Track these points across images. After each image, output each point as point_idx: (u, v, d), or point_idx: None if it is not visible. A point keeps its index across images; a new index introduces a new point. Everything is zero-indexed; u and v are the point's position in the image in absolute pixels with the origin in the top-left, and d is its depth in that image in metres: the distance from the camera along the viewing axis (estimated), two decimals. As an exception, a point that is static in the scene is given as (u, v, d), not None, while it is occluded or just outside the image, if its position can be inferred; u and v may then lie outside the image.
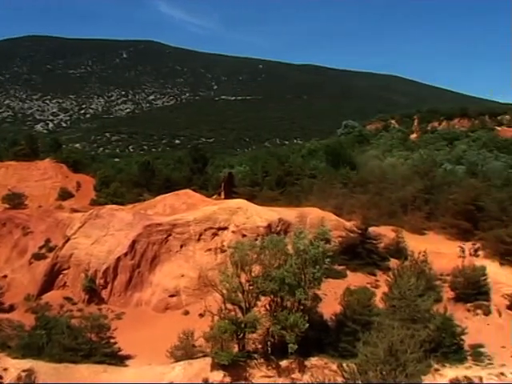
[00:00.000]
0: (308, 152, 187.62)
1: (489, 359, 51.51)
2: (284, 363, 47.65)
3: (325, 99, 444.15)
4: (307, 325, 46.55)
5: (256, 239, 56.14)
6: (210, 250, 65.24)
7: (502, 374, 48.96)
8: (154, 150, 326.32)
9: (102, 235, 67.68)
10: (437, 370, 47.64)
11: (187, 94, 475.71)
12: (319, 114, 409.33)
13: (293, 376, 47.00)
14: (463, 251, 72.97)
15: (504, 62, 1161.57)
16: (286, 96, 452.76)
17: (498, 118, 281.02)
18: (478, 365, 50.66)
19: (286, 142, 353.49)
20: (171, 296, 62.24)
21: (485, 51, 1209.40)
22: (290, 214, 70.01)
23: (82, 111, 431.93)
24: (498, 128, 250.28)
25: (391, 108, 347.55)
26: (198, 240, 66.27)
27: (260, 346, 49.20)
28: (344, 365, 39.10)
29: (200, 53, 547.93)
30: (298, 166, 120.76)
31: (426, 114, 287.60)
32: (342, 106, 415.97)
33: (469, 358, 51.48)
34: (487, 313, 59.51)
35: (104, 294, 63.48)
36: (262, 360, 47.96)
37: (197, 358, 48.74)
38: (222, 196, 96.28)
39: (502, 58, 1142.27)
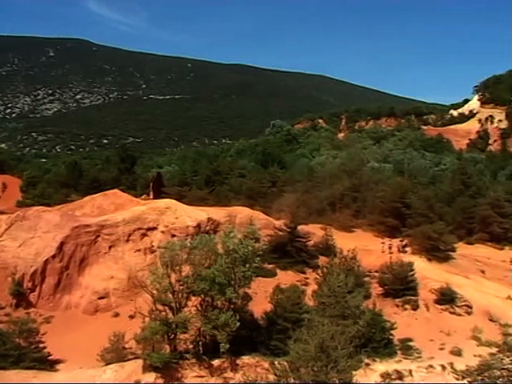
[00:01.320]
0: (237, 151, 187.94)
1: (418, 352, 52.53)
2: (216, 363, 47.61)
3: (253, 99, 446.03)
4: (238, 324, 46.57)
5: (185, 239, 55.83)
6: (139, 250, 64.71)
7: (431, 366, 49.98)
8: (81, 149, 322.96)
9: (29, 237, 66.35)
10: (367, 364, 48.33)
11: (115, 93, 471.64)
12: (248, 113, 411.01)
13: (225, 375, 46.97)
14: (390, 247, 74.25)
15: (429, 63, 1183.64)
16: (214, 95, 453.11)
17: (424, 117, 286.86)
18: (407, 358, 51.60)
19: (215, 142, 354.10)
20: (101, 298, 61.47)
21: (411, 52, 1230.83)
22: (219, 213, 70.02)
23: (8, 110, 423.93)
24: (424, 127, 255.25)
25: (320, 107, 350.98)
26: (127, 241, 65.67)
27: (192, 346, 49.03)
28: (276, 363, 39.29)
29: (128, 51, 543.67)
30: (226, 166, 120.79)
31: (354, 114, 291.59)
32: (271, 106, 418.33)
33: (398, 352, 52.38)
34: (415, 307, 60.60)
35: (32, 297, 62.20)
36: (194, 360, 47.77)
37: (128, 360, 48.26)
38: (151, 196, 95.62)
39: (428, 59, 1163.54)
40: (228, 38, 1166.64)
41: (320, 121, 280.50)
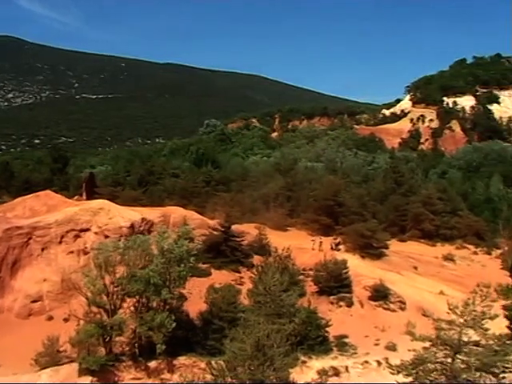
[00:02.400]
0: (170, 151, 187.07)
1: (353, 349, 53.02)
2: (153, 364, 47.18)
3: (187, 98, 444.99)
4: (174, 324, 46.25)
5: (119, 240, 55.18)
6: (72, 252, 63.61)
7: (367, 362, 50.50)
8: (12, 150, 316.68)
9: (-42, 241, 64.76)
10: (304, 362, 48.54)
11: (47, 92, 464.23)
12: (182, 112, 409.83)
13: (162, 376, 46.60)
14: (320, 244, 74.79)
15: (362, 64, 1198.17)
16: (148, 95, 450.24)
17: (357, 117, 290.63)
18: (343, 355, 52.01)
19: (148, 141, 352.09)
20: (34, 301, 60.18)
21: (344, 52, 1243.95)
22: (152, 213, 69.40)
23: None
24: (357, 126, 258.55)
25: (254, 107, 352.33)
26: (60, 242, 64.49)
27: (127, 349, 48.46)
28: (213, 362, 39.14)
29: (61, 50, 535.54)
30: (160, 166, 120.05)
31: (288, 113, 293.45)
32: (205, 105, 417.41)
33: (334, 348, 52.76)
34: (350, 304, 61.13)
35: (-37, 302, 60.80)
36: (130, 362, 47.24)
37: (63, 364, 47.43)
38: (84, 197, 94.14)
39: (361, 60, 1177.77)
40: (162, 37, 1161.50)
41: (254, 120, 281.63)
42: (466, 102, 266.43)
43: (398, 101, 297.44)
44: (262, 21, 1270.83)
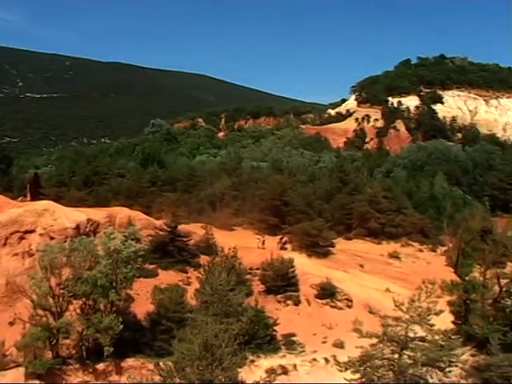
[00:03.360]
0: (116, 151, 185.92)
1: (301, 347, 53.19)
2: (100, 366, 46.62)
3: (133, 98, 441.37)
4: (122, 326, 45.85)
5: (65, 241, 54.46)
6: (17, 254, 62.51)
7: (315, 359, 50.72)
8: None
9: None
10: (252, 361, 48.49)
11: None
12: (127, 112, 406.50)
13: (110, 379, 46.08)
14: (263, 243, 75.03)
15: (308, 63, 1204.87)
16: (93, 94, 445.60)
17: (303, 116, 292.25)
18: (291, 353, 52.13)
19: (94, 141, 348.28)
20: (-23, 305, 59.28)
21: (290, 52, 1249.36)
22: (98, 214, 68.59)
23: None
24: (303, 126, 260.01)
25: (200, 106, 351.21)
26: (4, 245, 63.33)
27: (75, 351, 47.77)
28: (161, 363, 38.85)
29: (4, 48, 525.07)
30: (105, 166, 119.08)
31: (234, 113, 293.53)
32: (151, 105, 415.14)
33: (282, 347, 52.85)
34: (297, 303, 61.27)
35: None
36: (77, 365, 46.56)
37: (10, 368, 46.57)
38: (28, 198, 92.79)
39: (307, 60, 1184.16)
40: (107, 36, 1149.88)
41: (200, 120, 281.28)
42: (411, 101, 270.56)
43: (344, 101, 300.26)
44: (208, 20, 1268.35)
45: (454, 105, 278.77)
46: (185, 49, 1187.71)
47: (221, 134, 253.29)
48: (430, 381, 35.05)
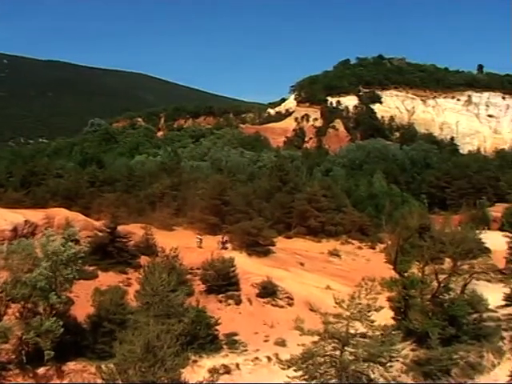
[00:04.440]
0: (54, 151, 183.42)
1: (243, 346, 53.28)
2: (41, 371, 45.77)
3: (72, 97, 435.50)
4: (62, 329, 45.14)
5: (2, 244, 53.40)
6: (-49, 258, 61.32)
7: (257, 358, 50.84)
8: None
9: None
10: (195, 361, 48.30)
11: None
12: (66, 112, 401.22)
13: (51, 383, 45.45)
14: (200, 242, 74.94)
15: (248, 63, 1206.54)
16: (31, 93, 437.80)
17: (243, 116, 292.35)
18: (233, 352, 52.19)
19: (31, 141, 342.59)
20: None
21: (230, 52, 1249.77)
22: (36, 215, 67.50)
23: None
24: (243, 126, 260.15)
25: (139, 106, 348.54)
26: None
27: (14, 356, 46.74)
28: (102, 366, 38.46)
29: None
30: (43, 166, 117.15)
31: (173, 112, 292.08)
32: (90, 104, 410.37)
33: (225, 346, 52.89)
34: (238, 302, 61.36)
35: None
36: (17, 370, 45.58)
37: None
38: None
39: (247, 59, 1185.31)
40: (46, 34, 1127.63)
41: (139, 119, 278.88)
42: (350, 101, 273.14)
43: (283, 100, 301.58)
44: (147, 19, 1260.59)
45: (392, 104, 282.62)
46: (124, 48, 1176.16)
47: (160, 134, 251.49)
48: (372, 376, 35.40)
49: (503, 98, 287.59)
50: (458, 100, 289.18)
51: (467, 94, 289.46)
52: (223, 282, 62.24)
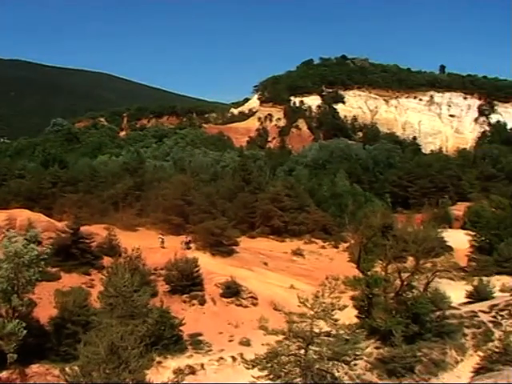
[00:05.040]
0: (15, 151, 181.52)
1: (208, 346, 53.19)
2: (4, 375, 45.13)
3: (34, 96, 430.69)
4: (25, 332, 44.66)
5: (-37, 245, 52.78)
6: None
7: (222, 358, 50.74)
8: None
9: None
10: (159, 362, 48.09)
11: None
12: (28, 111, 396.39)
13: (15, 386, 44.94)
14: (162, 241, 74.83)
15: (212, 62, 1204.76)
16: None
17: (206, 115, 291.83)
18: (198, 353, 52.06)
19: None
20: None
21: (193, 51, 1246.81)
22: (-3, 216, 66.92)
23: None
24: (206, 125, 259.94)
25: (102, 106, 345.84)
26: None
27: (-25, 361, 46.35)
28: (66, 368, 38.08)
29: None
30: (4, 166, 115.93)
31: (136, 112, 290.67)
32: (52, 104, 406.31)
33: (189, 347, 52.73)
34: (202, 302, 61.28)
35: None
36: (-21, 375, 45.22)
37: None
38: None
39: (208, 59, 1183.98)
40: (8, 33, 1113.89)
41: (102, 119, 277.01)
42: (313, 101, 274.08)
43: (247, 100, 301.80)
44: (110, 19, 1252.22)
45: (355, 104, 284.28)
46: (87, 48, 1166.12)
47: (123, 134, 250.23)
48: (337, 374, 35.55)
49: (465, 98, 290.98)
50: (421, 100, 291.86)
51: (429, 94, 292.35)
52: (187, 282, 62.14)
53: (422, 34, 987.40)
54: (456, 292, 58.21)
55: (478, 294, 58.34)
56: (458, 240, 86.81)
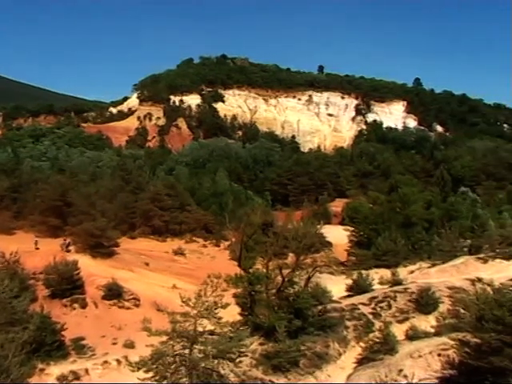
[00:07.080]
0: None
1: (91, 350, 52.27)
2: None
3: None
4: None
5: None
6: None
7: (106, 362, 49.98)
8: None
9: None
10: (42, 369, 46.87)
11: None
12: None
13: None
14: (36, 243, 73.50)
15: (89, 61, 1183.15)
16: None
17: (85, 114, 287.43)
18: (82, 357, 51.06)
19: None
20: None
21: (70, 47, 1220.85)
22: None
23: None
24: (84, 125, 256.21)
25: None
26: None
27: None
28: None
29: None
30: None
31: (12, 111, 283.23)
32: None
33: (72, 352, 51.56)
34: (84, 306, 60.35)
35: None
36: None
37: None
38: None
39: (87, 58, 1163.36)
40: None
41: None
42: (193, 100, 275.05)
43: (126, 99, 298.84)
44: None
45: (235, 103, 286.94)
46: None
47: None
48: (222, 372, 35.86)
49: (342, 97, 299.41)
50: (299, 99, 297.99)
51: (308, 94, 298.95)
52: (67, 285, 60.97)
53: (301, 34, 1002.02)
54: (337, 286, 59.65)
55: (358, 287, 59.73)
56: (338, 236, 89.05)
